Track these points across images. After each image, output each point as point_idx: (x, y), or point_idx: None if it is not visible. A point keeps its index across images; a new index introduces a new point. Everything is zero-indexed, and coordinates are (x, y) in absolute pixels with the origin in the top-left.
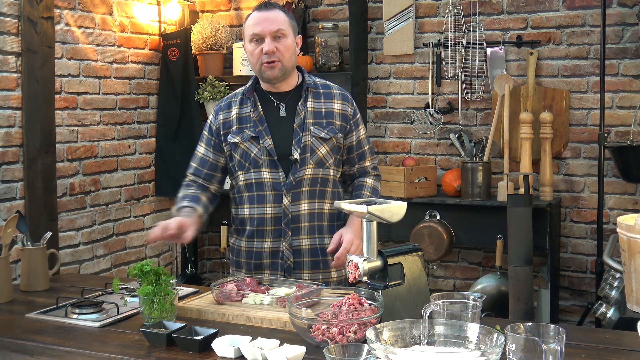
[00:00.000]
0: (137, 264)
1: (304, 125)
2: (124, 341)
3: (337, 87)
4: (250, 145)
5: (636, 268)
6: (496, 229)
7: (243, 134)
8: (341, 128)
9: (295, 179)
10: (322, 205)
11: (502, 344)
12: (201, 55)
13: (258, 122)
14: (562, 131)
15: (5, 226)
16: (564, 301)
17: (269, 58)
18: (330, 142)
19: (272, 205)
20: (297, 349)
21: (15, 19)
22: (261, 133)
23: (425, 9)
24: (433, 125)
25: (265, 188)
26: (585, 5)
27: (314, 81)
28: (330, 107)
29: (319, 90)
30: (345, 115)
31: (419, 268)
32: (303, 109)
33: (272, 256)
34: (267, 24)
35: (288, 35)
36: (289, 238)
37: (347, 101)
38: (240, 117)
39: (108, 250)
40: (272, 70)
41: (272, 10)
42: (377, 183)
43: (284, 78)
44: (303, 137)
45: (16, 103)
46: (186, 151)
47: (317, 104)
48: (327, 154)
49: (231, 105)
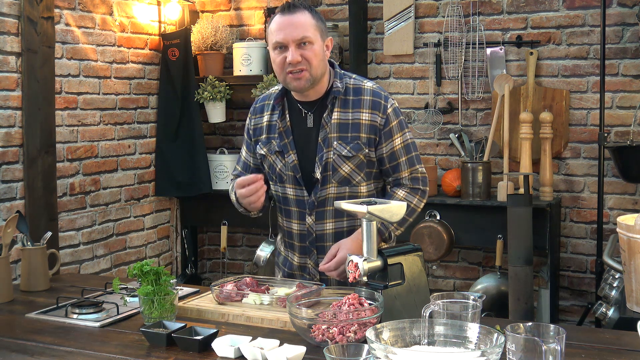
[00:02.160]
0: (137, 264)
1: (328, 141)
2: (124, 341)
3: (369, 92)
4: (275, 159)
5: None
6: (496, 229)
7: (270, 145)
8: (369, 141)
9: (318, 198)
10: (352, 223)
11: (502, 344)
12: (201, 55)
13: (284, 133)
14: (562, 131)
15: (5, 226)
16: (564, 301)
17: (294, 68)
18: (355, 159)
19: (297, 222)
20: (297, 349)
21: (15, 19)
22: (286, 147)
23: (425, 9)
24: (433, 125)
25: (291, 204)
26: (585, 5)
27: (345, 85)
28: (358, 118)
29: (348, 97)
30: (374, 126)
31: (419, 268)
32: (328, 121)
33: (301, 270)
34: (291, 30)
35: (315, 41)
36: (314, 256)
37: (377, 109)
38: (270, 125)
39: (108, 250)
40: (298, 82)
41: (297, 12)
42: (410, 196)
43: (312, 87)
44: (325, 154)
45: (16, 103)
46: (186, 151)
47: (344, 115)
48: (353, 171)
49: (264, 109)
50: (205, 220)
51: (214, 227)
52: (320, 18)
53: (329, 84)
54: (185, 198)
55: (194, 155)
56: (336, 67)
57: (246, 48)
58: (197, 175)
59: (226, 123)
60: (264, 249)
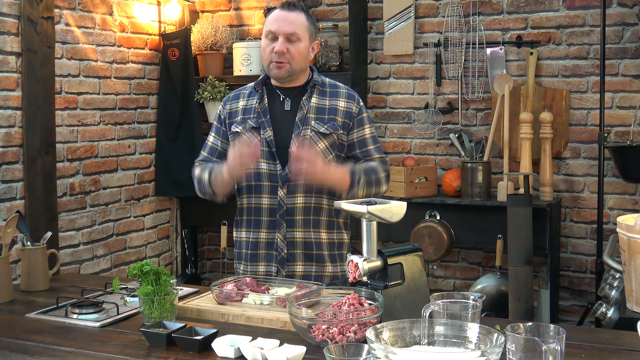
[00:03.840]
0: (137, 264)
1: (305, 120)
2: (124, 341)
3: (345, 87)
4: (250, 136)
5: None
6: (496, 229)
7: (245, 123)
8: (344, 125)
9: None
10: (319, 200)
11: (502, 344)
12: (201, 55)
13: (262, 113)
14: (562, 131)
15: (5, 226)
16: (564, 301)
17: (278, 58)
18: (330, 137)
19: (268, 196)
20: (297, 349)
21: (15, 19)
22: (263, 124)
23: (425, 9)
24: (433, 125)
25: (262, 179)
26: (585, 5)
27: (322, 80)
28: (335, 105)
29: (325, 88)
30: (350, 112)
31: (419, 268)
32: (307, 104)
33: (268, 247)
34: (285, 24)
35: (302, 40)
36: (283, 230)
37: (352, 100)
38: (245, 109)
39: (108, 250)
40: (279, 70)
41: (294, 11)
42: (379, 168)
43: (290, 79)
44: (302, 130)
45: (16, 103)
46: (186, 151)
47: (322, 101)
48: (326, 149)
49: (239, 97)
50: (205, 220)
51: (214, 227)
52: (314, 22)
53: (308, 78)
54: (185, 198)
55: (194, 155)
56: (315, 69)
57: (246, 48)
58: None
59: None
60: None
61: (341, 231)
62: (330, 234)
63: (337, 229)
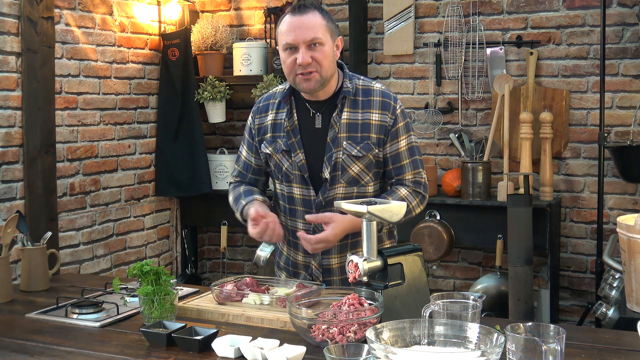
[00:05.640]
0: (137, 264)
1: (337, 140)
2: (124, 341)
3: (379, 92)
4: (282, 158)
5: (636, 268)
6: (496, 229)
7: (276, 144)
8: (378, 141)
9: (325, 198)
10: None
11: (502, 344)
12: (201, 55)
13: (292, 132)
14: (562, 131)
15: (5, 226)
16: (564, 301)
17: (305, 69)
18: (365, 159)
19: (302, 221)
20: (297, 349)
21: (15, 19)
22: (293, 146)
23: (425, 9)
24: (433, 125)
25: (296, 203)
26: (585, 5)
27: (355, 86)
28: (368, 119)
29: (357, 97)
30: (384, 126)
31: (419, 268)
32: (338, 121)
33: (305, 269)
34: (301, 31)
35: (325, 42)
36: (318, 257)
37: (387, 109)
38: (275, 124)
39: (108, 250)
40: (308, 83)
41: (307, 13)
42: (410, 197)
43: (321, 88)
44: (334, 154)
45: (16, 103)
46: (186, 151)
47: (354, 115)
48: (362, 171)
49: (268, 108)
50: (205, 220)
51: (214, 227)
52: (331, 18)
53: (337, 85)
54: (185, 198)
55: (194, 155)
56: (345, 68)
57: (246, 48)
58: (197, 175)
59: (226, 123)
60: (264, 249)
61: (383, 244)
62: None
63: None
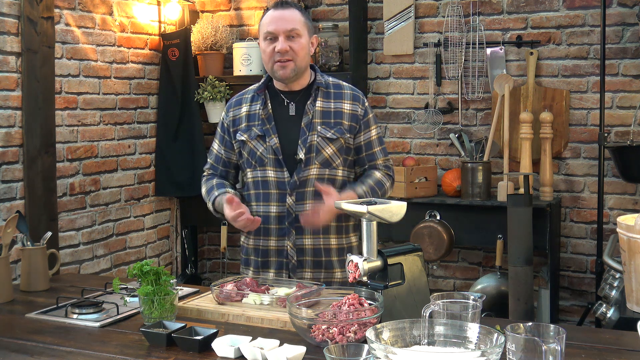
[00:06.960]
0: (137, 264)
1: (311, 125)
2: (124, 341)
3: (349, 87)
4: (256, 144)
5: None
6: (496, 229)
7: (251, 131)
8: (350, 128)
9: (300, 178)
10: None
11: (502, 344)
12: (201, 55)
13: (266, 120)
14: (562, 131)
15: (5, 226)
16: (564, 301)
17: (282, 57)
18: (338, 142)
19: (276, 204)
20: (297, 349)
21: (15, 19)
22: (268, 131)
23: (425, 9)
24: (433, 125)
25: (270, 186)
26: (585, 5)
27: (326, 80)
28: (340, 107)
29: (329, 90)
30: (355, 115)
31: (419, 268)
32: (312, 109)
33: (278, 255)
34: (282, 22)
35: (302, 35)
36: (292, 237)
37: (357, 101)
38: (249, 115)
39: (108, 250)
40: (284, 70)
41: (288, 9)
42: (384, 179)
43: (296, 78)
44: (309, 136)
45: (16, 103)
46: (186, 151)
47: (327, 104)
48: (334, 154)
49: (242, 102)
50: (205, 220)
51: (214, 227)
52: (308, 17)
53: (310, 79)
54: (185, 198)
55: (194, 155)
56: (317, 69)
57: (246, 48)
58: (197, 175)
59: None
60: None
61: (349, 235)
62: (339, 239)
63: (346, 234)
